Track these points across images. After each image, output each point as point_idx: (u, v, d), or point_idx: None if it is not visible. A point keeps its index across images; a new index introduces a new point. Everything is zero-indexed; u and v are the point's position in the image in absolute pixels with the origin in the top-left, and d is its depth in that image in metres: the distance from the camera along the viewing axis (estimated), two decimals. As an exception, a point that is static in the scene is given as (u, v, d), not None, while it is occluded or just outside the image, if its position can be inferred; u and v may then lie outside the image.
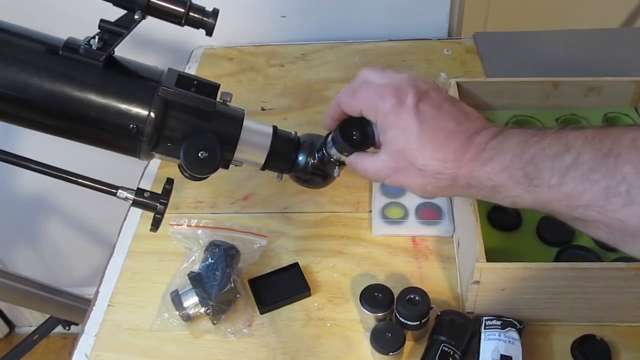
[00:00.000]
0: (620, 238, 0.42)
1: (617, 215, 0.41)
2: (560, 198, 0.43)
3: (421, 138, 0.49)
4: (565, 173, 0.42)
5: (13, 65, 0.50)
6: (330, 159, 0.60)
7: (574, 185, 0.42)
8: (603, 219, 0.41)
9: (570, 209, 0.43)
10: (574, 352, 0.60)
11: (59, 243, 1.58)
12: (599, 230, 0.43)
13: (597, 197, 0.41)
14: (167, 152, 0.56)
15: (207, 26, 0.53)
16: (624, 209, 0.40)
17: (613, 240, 0.43)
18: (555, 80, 0.78)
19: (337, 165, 0.61)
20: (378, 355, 0.60)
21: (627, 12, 1.40)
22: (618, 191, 0.40)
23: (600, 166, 0.41)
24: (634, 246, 0.42)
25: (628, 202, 0.40)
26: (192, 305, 0.65)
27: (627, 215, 0.40)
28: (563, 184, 0.43)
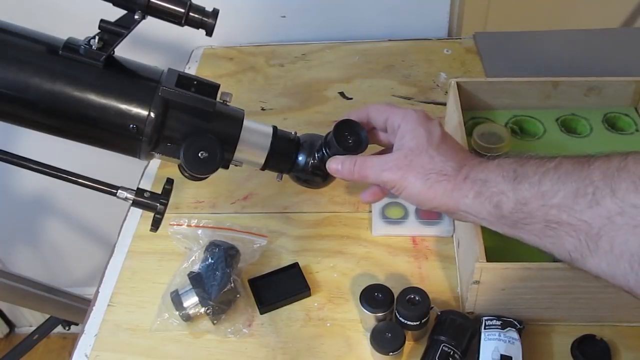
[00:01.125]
0: (585, 245, 0.44)
1: (584, 217, 0.43)
2: (538, 196, 0.47)
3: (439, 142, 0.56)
4: (545, 174, 0.47)
5: (13, 65, 0.50)
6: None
7: (550, 184, 0.46)
8: (570, 221, 0.44)
9: (545, 209, 0.46)
10: (574, 352, 0.60)
11: (59, 243, 1.58)
12: (566, 239, 0.45)
13: (568, 197, 0.45)
14: (167, 152, 0.56)
15: (207, 26, 0.53)
16: (589, 210, 0.43)
17: (579, 250, 0.45)
18: (555, 80, 0.78)
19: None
20: (378, 355, 0.60)
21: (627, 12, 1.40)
22: (585, 192, 0.43)
23: (575, 171, 0.45)
24: (594, 258, 0.44)
25: (593, 203, 0.43)
26: (192, 305, 0.65)
27: (591, 217, 0.43)
28: (542, 183, 0.47)
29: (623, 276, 0.42)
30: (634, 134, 0.77)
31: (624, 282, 0.42)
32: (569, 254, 0.46)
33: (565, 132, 0.78)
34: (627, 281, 0.42)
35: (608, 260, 0.43)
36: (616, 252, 0.42)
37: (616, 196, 0.41)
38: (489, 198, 0.50)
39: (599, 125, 0.78)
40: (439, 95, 0.95)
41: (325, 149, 0.60)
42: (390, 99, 0.95)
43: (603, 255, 0.43)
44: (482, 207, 0.51)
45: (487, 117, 0.80)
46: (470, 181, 0.52)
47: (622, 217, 0.41)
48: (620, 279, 0.43)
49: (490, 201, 0.50)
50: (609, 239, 0.42)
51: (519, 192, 0.48)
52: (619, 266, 0.42)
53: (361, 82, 0.99)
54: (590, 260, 0.44)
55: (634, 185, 0.40)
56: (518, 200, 0.48)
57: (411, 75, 0.99)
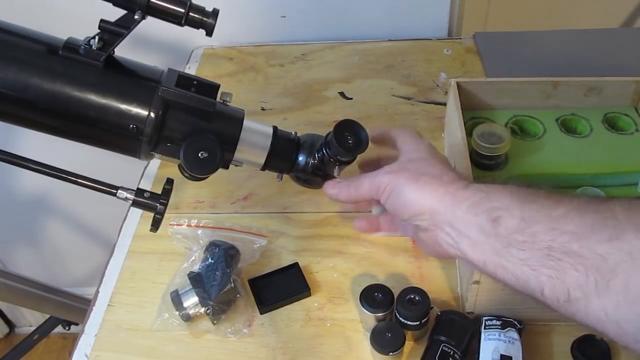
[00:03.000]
0: (593, 283, 0.39)
1: (599, 250, 0.39)
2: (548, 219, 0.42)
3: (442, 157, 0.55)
4: (559, 201, 0.43)
5: (13, 65, 0.50)
6: (330, 159, 0.60)
7: (565, 211, 0.42)
8: (582, 253, 0.40)
9: (554, 235, 0.41)
10: (574, 352, 0.60)
11: (59, 243, 1.58)
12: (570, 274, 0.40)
13: (584, 227, 0.40)
14: (167, 152, 0.56)
15: (207, 26, 0.53)
16: (607, 243, 0.39)
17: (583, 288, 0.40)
18: (555, 80, 0.78)
19: (337, 165, 0.61)
20: (378, 355, 0.60)
21: (627, 12, 1.40)
22: (605, 224, 0.39)
23: (594, 203, 0.42)
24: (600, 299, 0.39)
25: (613, 236, 0.39)
26: (192, 305, 0.65)
27: (608, 251, 0.39)
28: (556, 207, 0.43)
29: (633, 322, 0.38)
30: (634, 134, 0.77)
31: (631, 329, 0.38)
32: (567, 293, 0.41)
33: (565, 132, 0.78)
34: (637, 329, 0.38)
35: (618, 302, 0.38)
36: (631, 294, 0.37)
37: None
38: (487, 211, 0.45)
39: (599, 125, 0.78)
40: (439, 95, 0.95)
41: (325, 149, 0.60)
42: (390, 99, 0.95)
43: (614, 296, 0.38)
44: (475, 221, 0.46)
45: (487, 117, 0.80)
46: (470, 190, 0.48)
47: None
48: (629, 325, 0.38)
49: (489, 215, 0.45)
50: (625, 278, 0.38)
51: (527, 211, 0.43)
52: (630, 310, 0.38)
53: (361, 82, 0.99)
54: (594, 302, 0.39)
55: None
56: (524, 218, 0.43)
57: (411, 75, 0.99)
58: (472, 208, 0.47)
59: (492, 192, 0.47)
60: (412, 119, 0.91)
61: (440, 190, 0.49)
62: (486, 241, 0.45)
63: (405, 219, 0.53)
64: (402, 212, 0.52)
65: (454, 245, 0.48)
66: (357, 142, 0.59)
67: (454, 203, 0.48)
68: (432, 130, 0.88)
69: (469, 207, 0.47)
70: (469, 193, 0.48)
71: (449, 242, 0.49)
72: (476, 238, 0.46)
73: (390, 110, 0.93)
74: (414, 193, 0.50)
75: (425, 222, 0.50)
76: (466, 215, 0.47)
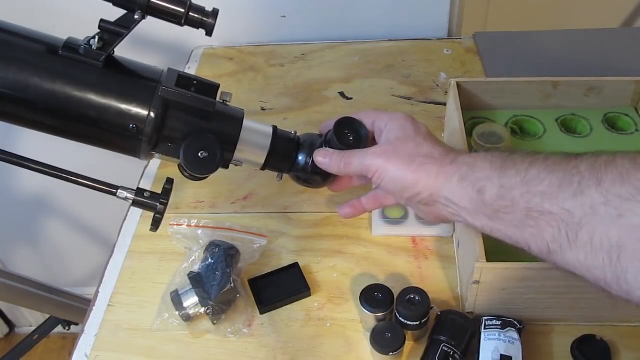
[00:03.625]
0: (565, 236, 0.43)
1: (566, 206, 0.43)
2: (523, 183, 0.46)
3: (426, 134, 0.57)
4: (532, 163, 0.47)
5: (13, 65, 0.50)
6: None
7: (537, 173, 0.46)
8: (553, 210, 0.44)
9: (529, 197, 0.45)
10: (574, 352, 0.60)
11: (59, 243, 1.58)
12: (546, 230, 0.44)
13: (553, 186, 0.44)
14: (167, 152, 0.56)
15: (207, 26, 0.53)
16: (572, 199, 0.42)
17: (558, 241, 0.44)
18: (555, 80, 0.78)
19: None
20: (378, 355, 0.60)
21: (627, 12, 1.40)
22: (571, 182, 0.43)
23: (563, 163, 0.45)
24: (572, 250, 0.43)
25: (578, 192, 0.42)
26: (192, 305, 0.65)
27: (574, 206, 0.42)
28: (529, 171, 0.46)
29: (600, 269, 0.41)
30: (634, 134, 0.77)
31: (600, 275, 0.42)
32: (547, 246, 0.45)
33: (565, 132, 0.78)
34: (604, 274, 0.41)
35: (586, 252, 0.42)
36: (596, 244, 0.41)
37: (602, 186, 0.41)
38: (473, 183, 0.50)
39: (599, 125, 0.78)
40: (439, 95, 0.95)
41: (325, 147, 0.60)
42: (390, 99, 0.95)
43: (582, 246, 0.42)
44: (465, 193, 0.50)
45: (487, 117, 0.80)
46: (456, 165, 0.52)
47: (606, 207, 0.40)
48: (597, 272, 0.42)
49: (474, 186, 0.49)
50: (590, 230, 0.41)
51: (505, 178, 0.48)
52: (597, 258, 0.41)
53: (361, 82, 0.99)
54: (568, 253, 0.43)
55: (621, 177, 0.40)
56: (502, 185, 0.47)
57: (411, 75, 0.99)
58: (461, 181, 0.51)
59: (475, 164, 0.51)
60: (412, 119, 0.91)
61: (434, 169, 0.53)
62: (478, 209, 0.50)
63: (404, 198, 0.56)
64: (400, 194, 0.55)
65: (456, 213, 0.53)
66: (357, 139, 0.59)
67: (446, 179, 0.52)
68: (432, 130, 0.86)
69: (458, 180, 0.51)
70: (456, 167, 0.52)
71: (450, 212, 0.53)
72: (471, 208, 0.50)
73: (390, 110, 0.92)
74: (411, 176, 0.53)
75: (424, 199, 0.54)
76: (457, 188, 0.51)
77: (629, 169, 0.40)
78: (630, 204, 0.39)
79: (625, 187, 0.40)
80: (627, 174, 0.40)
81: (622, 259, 0.40)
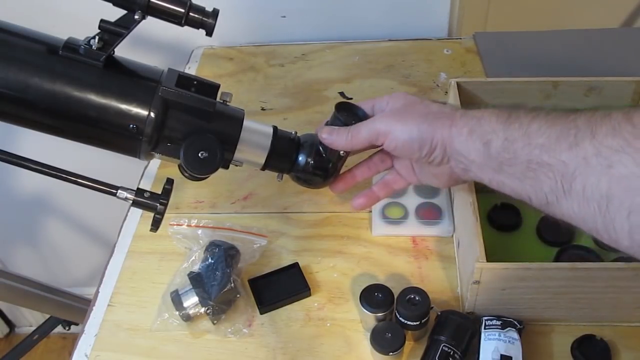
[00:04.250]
0: (561, 186, 0.44)
1: (562, 157, 0.44)
2: (525, 135, 0.48)
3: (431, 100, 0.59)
4: (535, 118, 0.48)
5: (13, 65, 0.50)
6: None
7: (538, 126, 0.47)
8: (550, 162, 0.45)
9: (529, 149, 0.47)
10: (574, 352, 0.60)
11: (59, 243, 1.58)
12: (544, 181, 0.46)
13: (551, 138, 0.46)
14: (167, 152, 0.56)
15: (207, 26, 0.53)
16: (568, 151, 0.44)
17: (554, 192, 0.45)
18: (555, 80, 0.78)
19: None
20: (378, 355, 0.60)
21: (627, 12, 1.40)
22: (568, 134, 0.44)
23: (563, 117, 0.47)
24: (567, 200, 0.44)
25: (573, 144, 0.44)
26: (192, 305, 0.65)
27: (569, 157, 0.44)
28: (531, 125, 0.48)
29: (592, 218, 0.43)
30: (634, 134, 0.77)
31: (592, 224, 0.43)
32: (545, 197, 0.46)
33: (565, 132, 0.78)
34: (595, 223, 0.42)
35: (579, 202, 0.43)
36: (587, 194, 0.42)
37: (595, 138, 0.42)
38: (480, 136, 0.51)
39: (599, 125, 0.78)
40: (439, 95, 0.95)
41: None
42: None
43: (575, 196, 0.43)
44: (473, 146, 0.51)
45: (487, 117, 0.80)
46: (466, 118, 0.53)
47: (597, 158, 0.42)
48: (589, 221, 0.43)
49: (481, 139, 0.51)
50: (582, 180, 0.43)
51: (509, 130, 0.49)
52: (588, 208, 0.42)
53: (361, 82, 0.99)
54: (564, 203, 0.45)
55: (613, 130, 0.41)
56: (506, 138, 0.49)
57: (411, 75, 0.99)
58: (470, 135, 0.52)
59: (483, 117, 0.52)
60: (412, 119, 0.91)
61: (447, 122, 0.54)
62: (485, 162, 0.51)
63: (419, 157, 0.56)
64: (418, 151, 0.55)
65: (466, 169, 0.54)
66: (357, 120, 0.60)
67: (457, 132, 0.53)
68: None
69: (468, 133, 0.52)
70: (465, 120, 0.53)
71: (462, 167, 0.54)
72: (479, 161, 0.52)
73: (390, 110, 0.93)
74: (427, 129, 0.54)
75: (439, 156, 0.55)
76: (467, 141, 0.52)
77: (621, 122, 0.41)
78: (620, 155, 0.40)
79: (616, 139, 0.41)
80: (618, 127, 0.41)
81: (610, 208, 0.41)
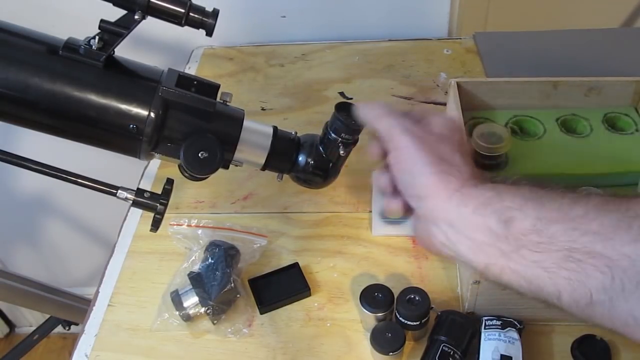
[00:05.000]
0: (620, 285, 0.37)
1: (625, 250, 0.37)
2: (567, 219, 0.40)
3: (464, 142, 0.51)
4: (576, 200, 0.41)
5: (13, 65, 0.50)
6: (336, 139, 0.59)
7: (584, 211, 0.40)
8: (607, 254, 0.38)
9: (575, 235, 0.39)
10: (574, 352, 0.60)
11: (59, 243, 1.58)
12: (593, 276, 0.38)
13: (606, 226, 0.38)
14: (167, 152, 0.56)
15: (207, 26, 0.53)
16: (633, 244, 0.37)
17: (608, 291, 0.38)
18: (555, 80, 0.78)
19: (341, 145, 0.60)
20: (378, 355, 0.60)
21: (627, 12, 1.40)
22: (629, 225, 0.37)
23: (612, 203, 0.40)
24: (628, 302, 0.37)
25: (638, 237, 0.37)
26: (192, 305, 0.65)
27: (636, 252, 0.37)
28: (573, 208, 0.40)
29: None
30: (634, 134, 0.77)
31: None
32: (590, 296, 0.38)
33: (565, 132, 0.78)
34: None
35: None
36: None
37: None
38: (497, 211, 0.42)
39: (599, 125, 0.78)
40: (439, 95, 0.95)
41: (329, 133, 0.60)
42: (390, 99, 0.95)
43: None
44: (482, 221, 0.43)
45: (487, 117, 0.80)
46: (480, 189, 0.45)
47: None
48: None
49: (500, 215, 0.42)
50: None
51: (543, 211, 0.41)
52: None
53: (361, 82, 0.99)
54: (620, 305, 0.37)
55: None
56: (540, 218, 0.41)
57: (411, 75, 0.99)
58: (480, 208, 0.44)
59: (504, 191, 0.44)
60: (412, 119, 0.91)
61: (454, 185, 0.45)
62: (493, 243, 0.43)
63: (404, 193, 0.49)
64: (405, 188, 0.48)
65: (448, 244, 0.46)
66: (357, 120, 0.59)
67: (461, 202, 0.44)
68: None
69: (477, 206, 0.44)
70: (478, 192, 0.45)
71: (441, 240, 0.46)
72: (481, 240, 0.43)
73: (390, 110, 0.93)
74: (427, 178, 0.46)
75: (422, 209, 0.47)
76: (473, 215, 0.44)
77: None
78: None
79: None
80: None
81: None
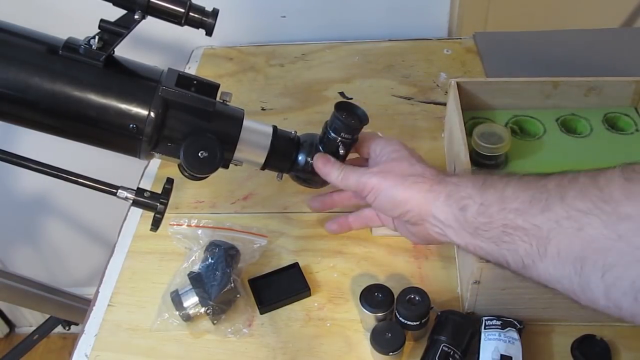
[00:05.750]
0: (536, 250, 0.45)
1: (536, 221, 0.45)
2: (500, 200, 0.49)
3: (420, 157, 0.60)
4: (509, 183, 0.50)
5: (13, 65, 0.50)
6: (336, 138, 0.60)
7: (512, 191, 0.49)
8: (525, 226, 0.46)
9: (504, 213, 0.48)
10: (574, 352, 0.60)
11: (59, 243, 1.58)
12: (520, 245, 0.47)
13: (525, 202, 0.47)
14: (167, 151, 0.56)
15: (207, 26, 0.53)
16: (540, 215, 0.45)
17: (530, 255, 0.46)
18: (555, 80, 0.78)
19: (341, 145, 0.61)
20: (378, 355, 0.60)
21: (627, 12, 1.40)
22: (540, 198, 0.46)
23: (535, 181, 0.48)
24: (543, 263, 0.45)
25: (545, 208, 0.45)
26: (192, 305, 0.65)
27: (542, 221, 0.45)
28: (505, 189, 0.49)
29: (568, 280, 0.44)
30: (634, 134, 0.77)
31: (569, 286, 0.44)
32: (522, 260, 0.47)
33: (565, 132, 0.78)
34: (572, 284, 0.44)
35: (555, 265, 0.44)
36: (562, 256, 0.44)
37: (564, 202, 0.44)
38: (457, 201, 0.52)
39: (599, 125, 0.78)
40: (439, 95, 0.95)
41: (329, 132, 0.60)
42: (390, 99, 0.95)
43: (551, 259, 0.45)
44: (450, 211, 0.52)
45: (487, 117, 0.80)
46: (444, 184, 0.54)
47: (568, 221, 0.43)
48: (566, 283, 0.44)
49: (458, 204, 0.52)
50: (557, 243, 0.44)
51: (484, 195, 0.50)
52: (564, 270, 0.44)
53: (361, 82, 0.99)
54: (540, 266, 0.46)
55: (581, 193, 0.43)
56: (482, 203, 0.50)
57: (411, 75, 0.99)
58: (446, 200, 0.53)
59: (461, 183, 0.53)
60: (412, 119, 0.91)
61: (425, 187, 0.55)
62: (462, 227, 0.52)
63: (394, 216, 0.59)
64: (392, 211, 0.58)
65: (442, 233, 0.54)
66: (357, 119, 0.61)
67: (433, 197, 0.54)
68: (432, 130, 0.88)
69: (444, 199, 0.53)
70: (443, 186, 0.54)
71: (437, 231, 0.55)
72: (455, 225, 0.52)
73: (390, 110, 0.93)
74: (403, 193, 0.56)
75: (414, 217, 0.56)
76: (443, 206, 0.53)
77: (588, 185, 0.43)
78: (589, 217, 0.42)
79: (584, 202, 0.43)
80: (586, 190, 0.43)
81: (585, 269, 0.42)
